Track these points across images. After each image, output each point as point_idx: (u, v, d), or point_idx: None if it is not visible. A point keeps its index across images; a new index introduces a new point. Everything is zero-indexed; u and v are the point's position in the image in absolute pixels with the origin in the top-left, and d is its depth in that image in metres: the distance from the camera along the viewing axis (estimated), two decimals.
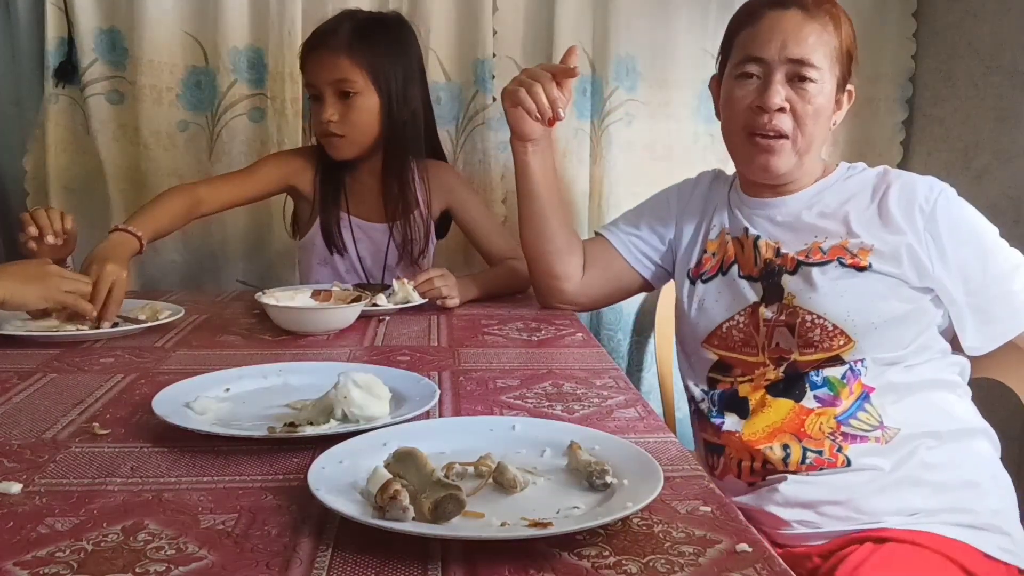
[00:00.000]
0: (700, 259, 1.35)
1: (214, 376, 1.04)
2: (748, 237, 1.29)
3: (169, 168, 1.95)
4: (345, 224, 1.72)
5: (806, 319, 1.18)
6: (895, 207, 1.21)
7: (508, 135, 1.99)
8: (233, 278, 1.98)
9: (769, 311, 1.22)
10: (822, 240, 1.23)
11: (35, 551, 0.65)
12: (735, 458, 1.20)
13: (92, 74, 1.89)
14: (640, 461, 0.77)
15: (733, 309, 1.26)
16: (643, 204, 1.52)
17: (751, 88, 1.24)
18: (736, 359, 1.25)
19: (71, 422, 0.94)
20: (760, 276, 1.25)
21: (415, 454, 0.73)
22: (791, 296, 1.20)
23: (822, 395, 1.17)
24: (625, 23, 1.97)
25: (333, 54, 1.58)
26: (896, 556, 1.04)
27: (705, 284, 1.31)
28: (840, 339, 1.16)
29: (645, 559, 0.64)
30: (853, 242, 1.20)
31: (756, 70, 1.23)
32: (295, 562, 0.64)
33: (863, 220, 1.22)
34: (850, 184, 1.28)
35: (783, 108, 1.21)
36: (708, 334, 1.28)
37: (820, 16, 1.22)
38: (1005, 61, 1.82)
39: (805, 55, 1.20)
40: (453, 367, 1.18)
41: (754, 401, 1.20)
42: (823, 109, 1.23)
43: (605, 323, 2.05)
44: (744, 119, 1.25)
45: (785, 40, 1.20)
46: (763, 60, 1.22)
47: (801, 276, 1.20)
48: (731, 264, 1.30)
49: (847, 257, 1.20)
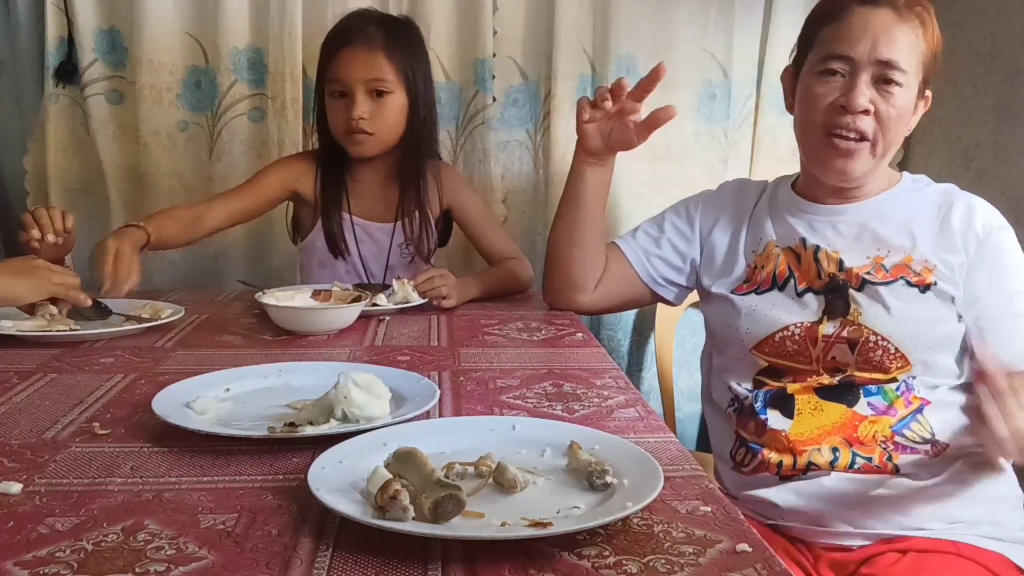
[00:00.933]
0: (747, 274, 1.30)
1: (214, 376, 1.04)
2: (807, 248, 1.25)
3: (169, 168, 1.95)
4: (347, 225, 1.72)
5: (870, 339, 1.15)
6: (956, 226, 1.19)
7: (508, 135, 2.01)
8: (233, 278, 1.98)
9: (831, 326, 1.18)
10: (885, 254, 1.20)
11: (35, 551, 0.65)
12: (775, 458, 1.18)
13: (92, 74, 1.89)
14: (640, 461, 0.77)
15: (789, 321, 1.22)
16: (662, 220, 1.45)
17: (835, 86, 1.19)
18: (787, 366, 1.22)
19: (71, 422, 0.94)
20: (824, 290, 1.21)
21: (415, 454, 0.73)
22: (857, 313, 1.17)
23: (876, 403, 1.16)
24: (625, 23, 1.97)
25: (370, 53, 1.59)
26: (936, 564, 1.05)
27: (759, 296, 1.26)
28: (899, 361, 1.15)
29: (645, 559, 0.64)
30: (917, 259, 1.18)
31: (841, 68, 1.18)
32: (295, 562, 0.64)
33: (927, 237, 1.20)
34: (917, 198, 1.25)
35: (867, 110, 1.17)
36: (759, 342, 1.24)
37: (910, 18, 1.18)
38: (1005, 61, 1.82)
39: (894, 57, 1.16)
40: (453, 367, 1.18)
41: (802, 402, 1.18)
42: (905, 113, 1.19)
43: (605, 323, 2.05)
44: (825, 117, 1.20)
45: (875, 40, 1.16)
46: (850, 59, 1.17)
47: (868, 294, 1.17)
48: (787, 278, 1.25)
49: (911, 276, 1.17)
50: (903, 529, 1.09)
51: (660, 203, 1.52)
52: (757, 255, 1.30)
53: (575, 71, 1.97)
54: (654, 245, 1.43)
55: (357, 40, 1.60)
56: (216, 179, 1.96)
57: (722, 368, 1.30)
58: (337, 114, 1.64)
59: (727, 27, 2.00)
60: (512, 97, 1.99)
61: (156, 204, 1.97)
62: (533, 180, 2.03)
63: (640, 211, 1.87)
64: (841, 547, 1.11)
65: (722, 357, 1.30)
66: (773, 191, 1.37)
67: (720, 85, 2.02)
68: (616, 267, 1.44)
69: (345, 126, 1.62)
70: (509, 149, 2.01)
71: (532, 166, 2.03)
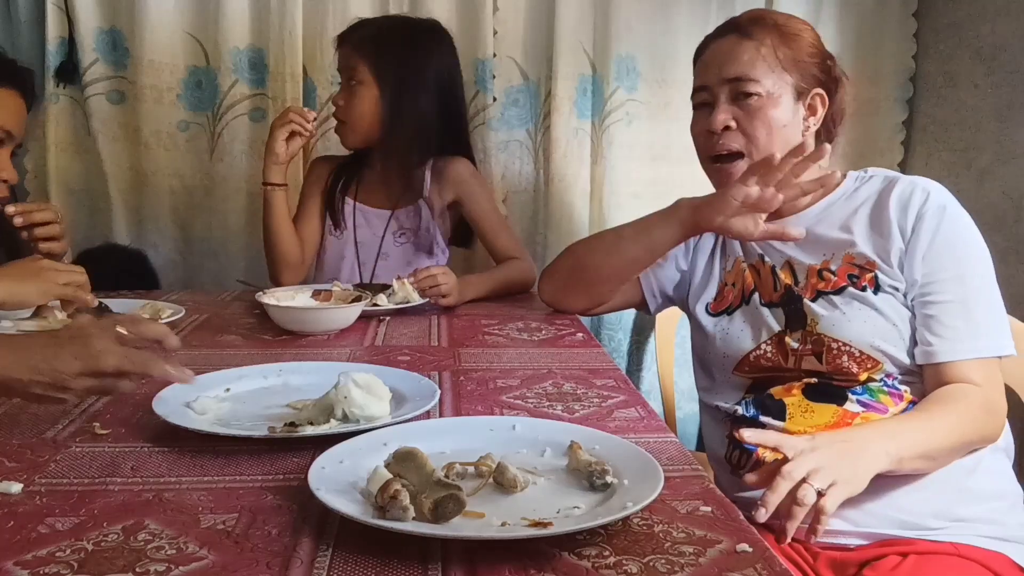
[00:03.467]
0: (720, 292, 1.31)
1: (214, 376, 1.04)
2: (765, 264, 1.27)
3: (170, 168, 1.96)
4: (349, 209, 1.79)
5: (832, 346, 1.16)
6: (893, 212, 1.18)
7: (508, 135, 2.01)
8: (233, 278, 1.98)
9: (794, 340, 1.19)
10: (829, 257, 1.21)
11: (35, 551, 0.65)
12: (770, 457, 1.16)
13: (93, 74, 1.89)
14: (640, 461, 0.78)
15: (759, 338, 1.23)
16: None
17: (704, 115, 1.27)
18: (770, 379, 1.22)
19: (71, 422, 0.94)
20: (781, 302, 1.23)
21: (415, 454, 0.73)
22: (814, 323, 1.18)
23: (864, 400, 1.16)
24: (625, 23, 1.97)
25: (345, 46, 1.71)
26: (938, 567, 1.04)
27: (730, 316, 1.28)
28: (868, 363, 1.15)
29: (645, 559, 0.64)
30: (857, 254, 1.18)
31: (705, 98, 1.27)
32: (295, 562, 0.64)
33: (863, 231, 1.20)
34: (857, 195, 1.25)
35: (729, 126, 1.23)
36: (737, 363, 1.25)
37: (757, 33, 1.23)
38: (1005, 61, 1.82)
39: (741, 72, 1.22)
40: (453, 367, 1.18)
41: (792, 405, 1.18)
42: (776, 120, 1.22)
43: (605, 323, 2.05)
44: (703, 146, 1.29)
45: (721, 63, 1.24)
46: (706, 87, 1.26)
47: (822, 303, 1.18)
48: (751, 292, 1.27)
49: (856, 273, 1.18)
50: (901, 528, 1.08)
51: (660, 203, 1.51)
52: (727, 272, 1.32)
53: (575, 71, 1.97)
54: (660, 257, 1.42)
55: (346, 36, 1.72)
56: (217, 179, 1.96)
57: (711, 389, 1.31)
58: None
59: None
60: (512, 97, 2.00)
61: (157, 204, 1.97)
62: (533, 180, 2.03)
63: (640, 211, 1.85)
64: (839, 546, 1.11)
65: (710, 379, 1.31)
66: None
67: None
68: None
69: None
70: (509, 149, 2.01)
71: (532, 166, 2.03)
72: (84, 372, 0.83)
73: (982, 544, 1.08)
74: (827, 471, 0.94)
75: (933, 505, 1.09)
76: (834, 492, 0.93)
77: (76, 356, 0.83)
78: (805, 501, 0.92)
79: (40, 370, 0.83)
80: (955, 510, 1.09)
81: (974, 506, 1.10)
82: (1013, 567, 1.08)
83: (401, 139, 1.70)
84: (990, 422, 1.11)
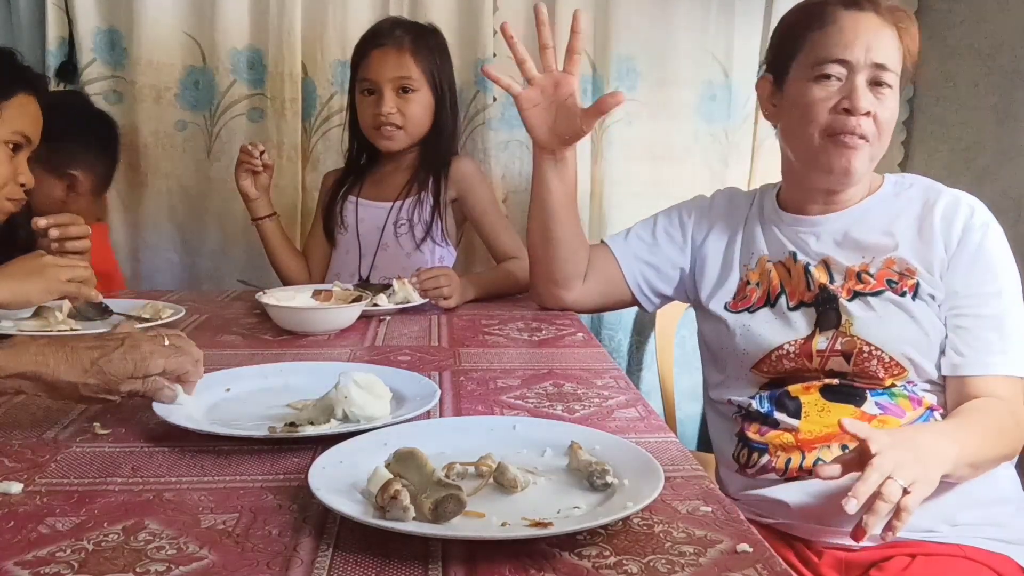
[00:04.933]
0: (741, 290, 1.29)
1: (214, 376, 1.04)
2: (796, 262, 1.24)
3: (168, 168, 1.96)
4: (352, 206, 1.82)
5: (863, 349, 1.15)
6: (937, 223, 1.18)
7: (508, 135, 2.01)
8: (233, 278, 1.98)
9: (823, 339, 1.18)
10: (869, 261, 1.20)
11: (36, 551, 0.65)
12: (782, 456, 1.17)
13: (91, 74, 1.89)
14: (640, 461, 0.78)
15: (783, 338, 1.21)
16: (655, 225, 1.43)
17: (832, 90, 1.18)
18: (788, 378, 1.21)
19: (72, 422, 0.94)
20: (815, 302, 1.21)
21: (416, 454, 0.73)
22: (848, 324, 1.16)
23: (883, 403, 1.15)
24: (625, 23, 1.97)
25: (398, 54, 1.73)
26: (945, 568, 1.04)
27: (752, 314, 1.26)
28: (894, 369, 1.14)
29: (646, 559, 0.64)
30: (898, 260, 1.18)
31: (838, 72, 1.17)
32: (295, 562, 0.64)
33: (908, 239, 1.19)
34: (899, 200, 1.24)
35: (869, 112, 1.17)
36: (756, 361, 1.23)
37: (893, 22, 1.19)
38: (1005, 61, 1.82)
39: (887, 60, 1.16)
40: (453, 367, 1.18)
41: (808, 403, 1.18)
42: (895, 117, 1.20)
43: (605, 323, 2.05)
44: (827, 121, 1.18)
45: (868, 43, 1.16)
46: (847, 62, 1.16)
47: (858, 304, 1.17)
48: (778, 295, 1.24)
49: (896, 278, 1.17)
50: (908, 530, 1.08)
51: (660, 203, 1.52)
52: (750, 270, 1.30)
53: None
54: (647, 252, 1.42)
55: (387, 42, 1.73)
56: (215, 179, 1.96)
57: (722, 384, 1.29)
58: (366, 110, 1.76)
59: (727, 27, 2.00)
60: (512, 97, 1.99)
61: (155, 203, 1.97)
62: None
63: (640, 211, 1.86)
64: (845, 547, 1.10)
65: (722, 374, 1.30)
66: (760, 201, 1.36)
67: (720, 85, 2.02)
68: (604, 267, 1.44)
69: (374, 121, 1.74)
70: (509, 149, 2.01)
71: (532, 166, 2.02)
72: (134, 375, 0.88)
73: (986, 546, 1.08)
74: (909, 469, 0.93)
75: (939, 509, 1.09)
76: (916, 490, 0.92)
77: (126, 359, 0.88)
78: (891, 498, 0.90)
79: (91, 372, 0.86)
80: (960, 514, 1.10)
81: (979, 510, 1.10)
82: (1017, 569, 1.08)
83: (444, 140, 1.79)
84: (1019, 438, 1.12)
